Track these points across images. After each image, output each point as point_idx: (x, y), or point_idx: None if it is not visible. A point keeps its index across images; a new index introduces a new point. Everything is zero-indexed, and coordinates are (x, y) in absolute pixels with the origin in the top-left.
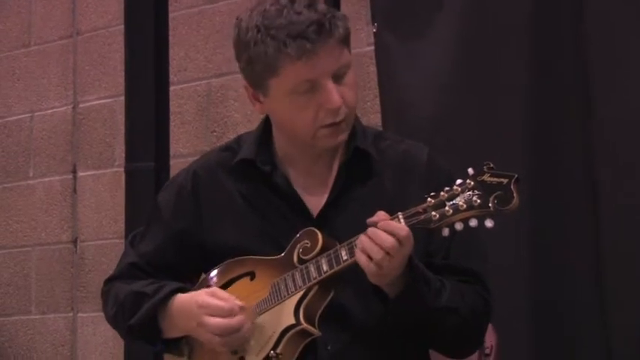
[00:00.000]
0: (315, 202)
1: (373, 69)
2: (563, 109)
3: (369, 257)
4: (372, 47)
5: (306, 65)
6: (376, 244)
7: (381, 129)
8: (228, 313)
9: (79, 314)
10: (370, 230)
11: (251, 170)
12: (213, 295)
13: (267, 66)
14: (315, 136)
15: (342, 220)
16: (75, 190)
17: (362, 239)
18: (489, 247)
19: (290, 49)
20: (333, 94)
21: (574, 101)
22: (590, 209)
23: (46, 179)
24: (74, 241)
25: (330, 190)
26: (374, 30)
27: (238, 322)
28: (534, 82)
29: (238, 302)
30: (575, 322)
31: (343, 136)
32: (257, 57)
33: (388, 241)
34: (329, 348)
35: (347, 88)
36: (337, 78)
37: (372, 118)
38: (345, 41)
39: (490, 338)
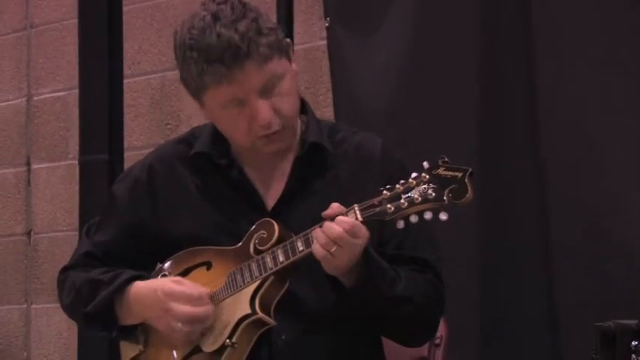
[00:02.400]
0: (271, 195)
1: (326, 63)
2: (513, 105)
3: (323, 248)
4: (325, 41)
5: (229, 87)
6: (326, 234)
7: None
8: (197, 301)
9: (33, 306)
10: (325, 223)
11: (207, 163)
12: (179, 282)
13: (195, 84)
14: (254, 145)
15: (298, 213)
16: (29, 183)
17: (316, 231)
18: (441, 240)
19: (208, 76)
20: (260, 110)
21: (523, 97)
22: (539, 205)
23: (0, 171)
24: (28, 233)
25: (286, 183)
26: (326, 24)
27: (206, 310)
28: (485, 77)
29: (206, 289)
30: (524, 317)
31: (282, 144)
32: (186, 75)
33: (336, 231)
34: (283, 337)
35: (280, 98)
36: (266, 91)
37: (325, 111)
38: (273, 55)
39: (440, 329)
